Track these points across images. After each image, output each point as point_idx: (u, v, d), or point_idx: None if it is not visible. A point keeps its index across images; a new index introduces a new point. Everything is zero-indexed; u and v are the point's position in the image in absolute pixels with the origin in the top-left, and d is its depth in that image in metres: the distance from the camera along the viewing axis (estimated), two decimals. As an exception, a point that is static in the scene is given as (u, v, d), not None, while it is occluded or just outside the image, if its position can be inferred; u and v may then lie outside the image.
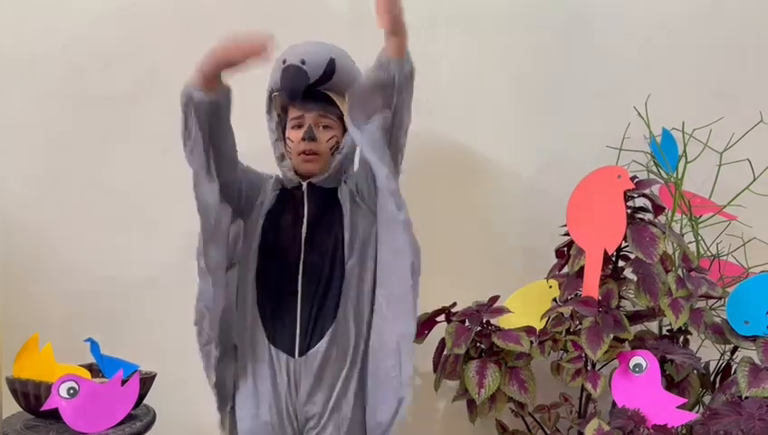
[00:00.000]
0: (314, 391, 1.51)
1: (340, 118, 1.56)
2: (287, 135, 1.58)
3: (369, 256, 1.54)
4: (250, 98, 1.62)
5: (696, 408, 1.66)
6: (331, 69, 1.51)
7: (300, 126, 1.55)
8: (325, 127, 1.56)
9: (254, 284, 1.55)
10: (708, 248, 1.78)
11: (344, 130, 1.58)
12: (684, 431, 1.57)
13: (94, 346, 1.59)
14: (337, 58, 1.53)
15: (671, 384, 1.62)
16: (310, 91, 1.53)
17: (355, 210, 1.56)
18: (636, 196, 1.65)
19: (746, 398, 1.46)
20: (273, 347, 1.52)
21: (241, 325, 1.56)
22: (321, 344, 1.49)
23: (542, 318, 1.66)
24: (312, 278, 1.51)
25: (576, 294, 1.62)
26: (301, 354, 1.50)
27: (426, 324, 1.75)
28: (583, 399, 1.68)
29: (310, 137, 1.53)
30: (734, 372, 1.55)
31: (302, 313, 1.50)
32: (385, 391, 1.48)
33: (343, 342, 1.51)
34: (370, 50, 1.71)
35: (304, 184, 1.57)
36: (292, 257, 1.52)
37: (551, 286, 1.71)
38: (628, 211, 1.62)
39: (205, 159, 1.44)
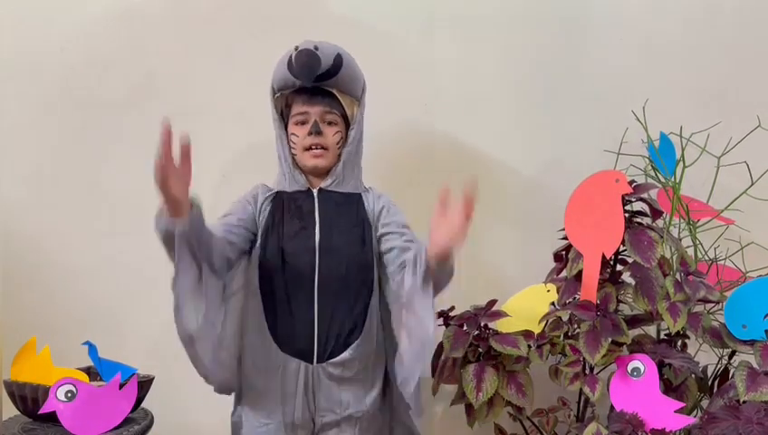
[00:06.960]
0: (334, 397, 1.50)
1: (344, 116, 1.58)
2: (290, 131, 1.58)
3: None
4: (249, 97, 1.62)
5: (694, 412, 1.66)
6: (338, 63, 1.53)
7: (304, 122, 1.55)
8: (330, 123, 1.56)
9: (260, 297, 1.52)
10: (706, 252, 1.78)
11: (347, 127, 1.59)
12: (682, 435, 1.58)
13: (92, 349, 1.58)
14: (343, 55, 1.55)
15: (669, 388, 1.62)
16: (315, 87, 1.54)
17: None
18: (634, 200, 1.66)
19: (744, 402, 1.46)
20: (287, 354, 1.48)
21: (251, 333, 1.53)
22: (341, 349, 1.49)
23: (540, 322, 1.66)
24: (330, 283, 1.49)
25: (574, 298, 1.62)
26: (319, 361, 1.48)
27: (424, 328, 1.75)
28: (581, 403, 1.68)
29: (316, 131, 1.53)
30: (732, 377, 1.55)
31: (319, 319, 1.48)
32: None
33: (365, 346, 1.51)
34: (370, 52, 1.71)
35: (314, 191, 1.56)
36: (305, 265, 1.50)
37: (549, 290, 1.71)
38: (626, 215, 1.62)
39: (192, 283, 1.41)
